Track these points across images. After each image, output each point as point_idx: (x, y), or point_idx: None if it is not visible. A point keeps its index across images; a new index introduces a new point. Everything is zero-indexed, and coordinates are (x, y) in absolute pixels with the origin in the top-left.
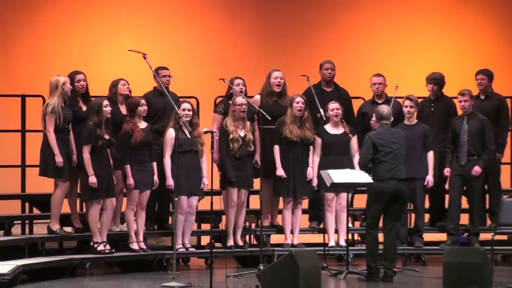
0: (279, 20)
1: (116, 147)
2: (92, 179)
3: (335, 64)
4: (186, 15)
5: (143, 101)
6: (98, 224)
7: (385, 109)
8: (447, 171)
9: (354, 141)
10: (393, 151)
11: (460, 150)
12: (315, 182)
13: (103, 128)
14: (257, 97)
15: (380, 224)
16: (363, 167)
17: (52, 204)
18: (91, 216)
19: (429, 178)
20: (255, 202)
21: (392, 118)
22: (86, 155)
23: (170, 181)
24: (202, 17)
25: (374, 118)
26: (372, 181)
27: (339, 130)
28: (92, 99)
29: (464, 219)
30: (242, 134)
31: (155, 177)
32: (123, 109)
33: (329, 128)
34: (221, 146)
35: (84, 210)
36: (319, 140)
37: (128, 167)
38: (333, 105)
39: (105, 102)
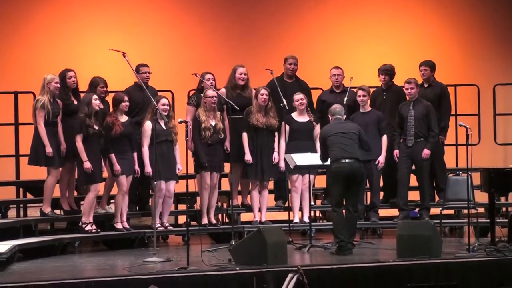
0: (243, 19)
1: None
2: (87, 165)
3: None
4: (161, 17)
5: (126, 98)
6: (93, 207)
7: (337, 107)
8: (396, 153)
9: (317, 128)
10: (343, 135)
11: (407, 133)
12: (282, 164)
13: (93, 120)
14: (223, 90)
15: None
16: (324, 160)
17: (45, 189)
18: (88, 198)
19: (380, 159)
20: (226, 184)
21: (345, 115)
22: (79, 143)
23: (148, 169)
24: (175, 18)
25: (330, 116)
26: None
27: (305, 118)
28: (81, 94)
29: (415, 195)
30: (213, 123)
31: (136, 167)
32: (100, 104)
33: (296, 116)
34: (194, 134)
35: (75, 194)
36: (287, 127)
37: (113, 155)
38: (298, 96)
39: (95, 96)
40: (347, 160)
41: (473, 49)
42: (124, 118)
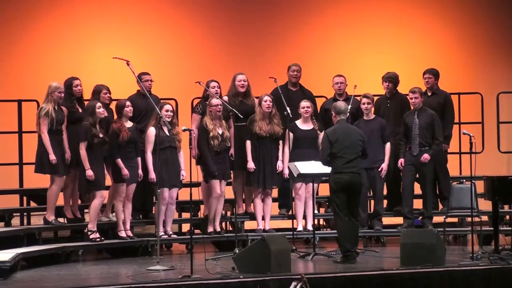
0: (247, 28)
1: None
2: (89, 173)
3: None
4: (164, 25)
5: (128, 103)
6: (99, 214)
7: (342, 105)
8: (401, 162)
9: (321, 136)
10: (348, 145)
11: (412, 142)
12: (286, 172)
13: (98, 128)
14: (225, 98)
15: None
16: (325, 162)
17: (48, 197)
18: (94, 205)
19: (383, 167)
20: (229, 192)
21: (348, 114)
22: (83, 151)
23: (152, 175)
24: (179, 26)
25: (333, 113)
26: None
27: (309, 126)
28: (85, 102)
29: (418, 204)
30: (220, 132)
31: (140, 171)
32: (104, 112)
33: (300, 124)
34: (202, 143)
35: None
36: (291, 135)
37: (119, 160)
38: (304, 103)
39: (98, 104)
40: (348, 172)
41: (477, 58)
42: (129, 124)
